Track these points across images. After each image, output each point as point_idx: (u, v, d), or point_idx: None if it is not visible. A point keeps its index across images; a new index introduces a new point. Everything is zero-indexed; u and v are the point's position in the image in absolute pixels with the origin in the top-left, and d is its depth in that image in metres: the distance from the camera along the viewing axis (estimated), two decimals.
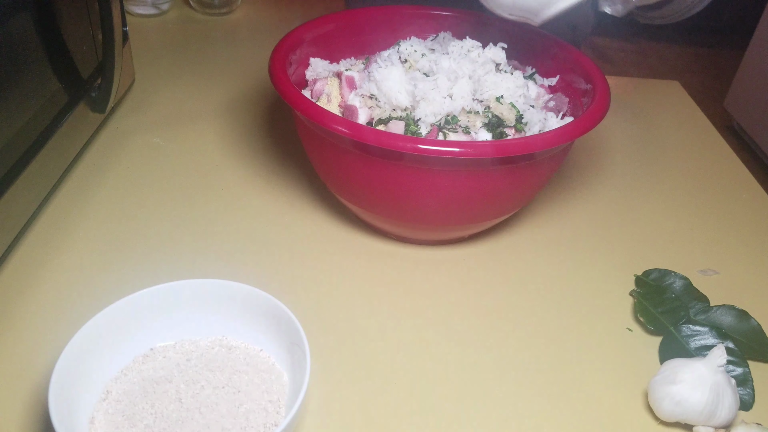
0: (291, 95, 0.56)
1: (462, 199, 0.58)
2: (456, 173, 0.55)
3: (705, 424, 0.49)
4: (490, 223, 0.63)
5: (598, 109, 0.58)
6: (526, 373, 0.54)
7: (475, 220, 0.61)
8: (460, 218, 0.60)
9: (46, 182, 0.63)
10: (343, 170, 0.59)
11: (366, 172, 0.57)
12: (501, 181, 0.57)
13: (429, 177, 0.55)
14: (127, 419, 0.45)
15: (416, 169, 0.55)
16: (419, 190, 0.56)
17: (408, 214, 0.60)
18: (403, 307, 0.59)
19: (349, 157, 0.56)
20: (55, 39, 0.62)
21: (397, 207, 0.59)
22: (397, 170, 0.55)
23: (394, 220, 0.61)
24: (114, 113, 0.81)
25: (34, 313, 0.55)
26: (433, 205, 0.58)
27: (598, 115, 0.58)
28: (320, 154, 0.61)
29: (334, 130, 0.53)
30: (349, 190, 0.61)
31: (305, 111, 0.55)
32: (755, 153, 2.20)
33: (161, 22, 1.04)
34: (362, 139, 0.52)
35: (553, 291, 0.62)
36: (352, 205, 0.62)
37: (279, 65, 0.60)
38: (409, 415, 0.50)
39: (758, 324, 0.58)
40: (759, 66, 2.14)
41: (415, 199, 0.57)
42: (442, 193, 0.57)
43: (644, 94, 0.96)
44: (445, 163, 0.54)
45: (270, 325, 0.50)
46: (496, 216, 0.62)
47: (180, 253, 0.62)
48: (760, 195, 0.77)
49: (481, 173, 0.56)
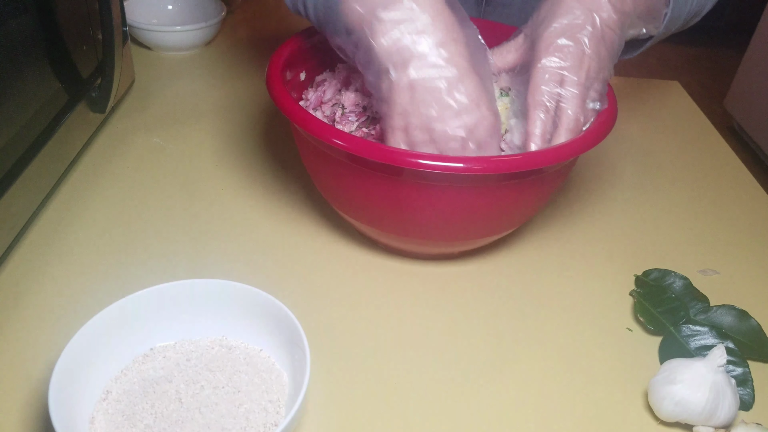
0: (289, 107, 0.54)
1: (462, 215, 0.56)
2: (455, 188, 0.53)
3: (705, 424, 0.49)
4: (491, 238, 0.62)
5: (607, 119, 0.56)
6: (526, 373, 0.54)
7: (476, 236, 0.60)
8: (460, 233, 0.59)
9: (46, 182, 0.63)
10: (340, 184, 0.57)
11: (361, 186, 0.55)
12: (505, 197, 0.55)
13: (428, 192, 0.53)
14: (127, 419, 0.45)
15: (415, 184, 0.53)
16: (418, 204, 0.55)
17: (407, 229, 0.58)
18: (402, 307, 0.59)
19: (344, 171, 0.55)
20: (55, 39, 0.62)
21: (395, 222, 0.57)
22: (394, 185, 0.53)
23: (392, 235, 0.60)
24: (114, 113, 0.81)
25: (34, 313, 0.55)
26: (433, 220, 0.56)
27: (608, 126, 0.56)
28: (316, 165, 0.59)
29: (332, 143, 0.51)
30: (345, 204, 0.59)
31: (301, 123, 0.53)
32: (755, 153, 2.21)
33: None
34: (359, 153, 0.51)
35: (552, 291, 0.62)
36: (349, 218, 0.61)
37: (276, 77, 0.58)
38: (409, 415, 0.50)
39: (758, 324, 0.58)
40: (759, 66, 2.14)
41: (414, 214, 0.56)
42: (439, 208, 0.55)
43: (644, 94, 0.96)
44: (444, 178, 0.52)
45: (270, 325, 0.50)
46: (496, 233, 0.60)
47: (180, 253, 0.62)
48: (760, 195, 0.77)
49: (482, 189, 0.54)
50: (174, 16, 0.99)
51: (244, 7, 1.11)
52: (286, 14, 1.11)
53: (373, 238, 0.63)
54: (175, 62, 0.93)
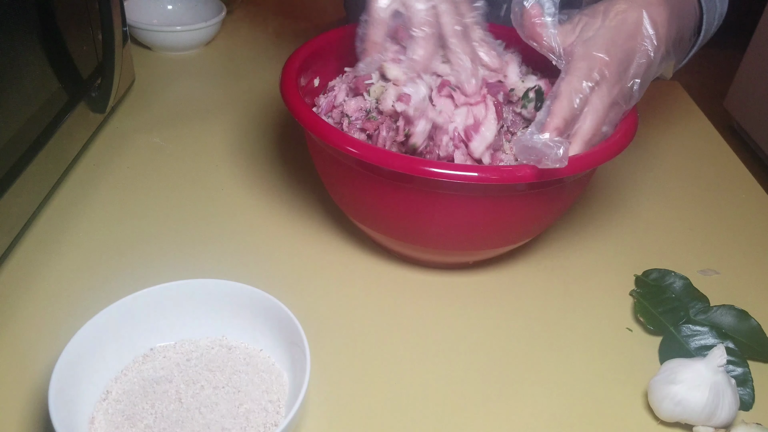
0: (302, 113, 0.53)
1: (474, 225, 0.55)
2: (468, 198, 0.52)
3: (705, 424, 0.49)
4: (505, 248, 0.61)
5: (629, 126, 0.56)
6: (526, 373, 0.54)
7: (491, 245, 0.59)
8: (470, 243, 0.58)
9: (46, 182, 0.63)
10: (354, 191, 0.57)
11: (373, 194, 0.55)
12: (520, 208, 0.55)
13: (439, 200, 0.52)
14: (127, 419, 0.45)
15: (427, 192, 0.52)
16: (429, 213, 0.54)
17: (416, 237, 0.57)
18: (402, 307, 0.59)
19: (357, 179, 0.54)
20: (55, 39, 0.62)
21: (404, 229, 0.57)
22: (405, 192, 0.52)
23: (401, 242, 0.59)
24: (114, 113, 0.81)
25: (34, 313, 0.55)
26: (442, 229, 0.56)
27: (630, 133, 0.55)
28: (328, 170, 0.59)
29: (347, 151, 0.50)
30: (358, 211, 0.59)
31: (314, 129, 0.53)
32: (755, 153, 2.20)
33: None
34: (371, 160, 0.50)
35: (552, 290, 0.62)
36: (359, 224, 0.61)
37: (290, 83, 0.57)
38: (409, 415, 0.50)
39: (758, 324, 0.58)
40: (759, 66, 2.14)
41: (425, 222, 0.55)
42: (450, 218, 0.54)
43: (644, 94, 0.96)
44: (458, 188, 0.51)
45: (270, 325, 0.50)
46: (510, 243, 0.60)
47: (180, 253, 0.62)
48: (760, 195, 0.77)
49: (493, 199, 0.53)
50: (174, 16, 0.99)
51: (244, 7, 1.11)
52: (286, 14, 1.11)
53: (379, 243, 0.63)
54: (175, 62, 0.93)
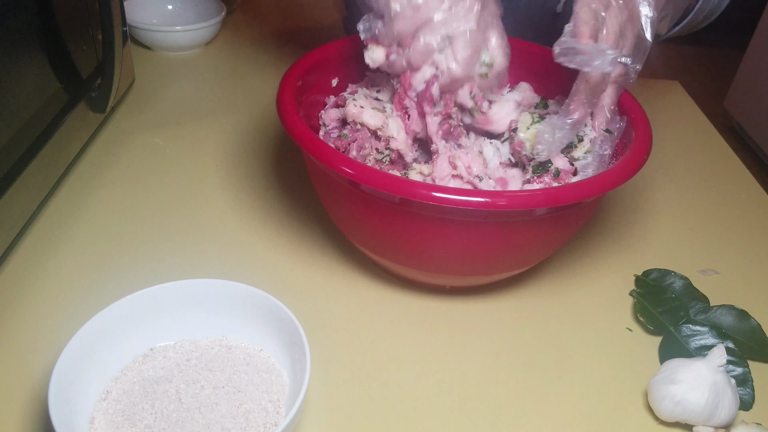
0: (296, 131, 0.52)
1: (476, 252, 0.53)
2: (467, 223, 0.50)
3: (705, 424, 0.49)
4: (509, 274, 0.59)
5: (641, 149, 0.53)
6: (525, 373, 0.54)
7: (495, 271, 0.57)
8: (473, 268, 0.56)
9: (46, 182, 0.63)
10: (348, 212, 0.56)
11: (368, 216, 0.53)
12: (524, 234, 0.52)
13: (439, 225, 0.51)
14: (127, 419, 0.45)
15: (429, 217, 0.50)
16: (428, 238, 0.52)
17: (416, 262, 0.56)
18: (402, 308, 0.59)
19: (353, 201, 0.53)
20: (55, 39, 0.62)
21: (404, 254, 0.55)
22: (403, 216, 0.51)
23: (401, 266, 0.58)
24: (114, 113, 0.81)
25: (34, 313, 0.55)
26: (446, 255, 0.54)
27: (642, 156, 0.53)
28: (324, 191, 0.57)
29: (342, 172, 0.49)
30: (355, 234, 0.58)
31: (307, 147, 0.51)
32: (755, 153, 2.20)
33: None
34: (367, 182, 0.48)
35: (552, 290, 0.62)
36: (357, 245, 0.59)
37: (288, 100, 0.55)
38: (408, 415, 0.50)
39: (758, 324, 0.58)
40: (759, 66, 2.14)
41: (425, 248, 0.53)
42: (451, 244, 0.52)
43: (644, 94, 0.96)
44: (460, 213, 0.49)
45: (270, 325, 0.50)
46: (516, 268, 0.58)
47: (180, 253, 0.62)
48: (760, 195, 0.77)
49: (498, 226, 0.52)
50: (174, 16, 0.99)
51: (244, 7, 1.11)
52: (286, 14, 1.11)
53: (384, 266, 0.61)
54: (175, 62, 0.93)
